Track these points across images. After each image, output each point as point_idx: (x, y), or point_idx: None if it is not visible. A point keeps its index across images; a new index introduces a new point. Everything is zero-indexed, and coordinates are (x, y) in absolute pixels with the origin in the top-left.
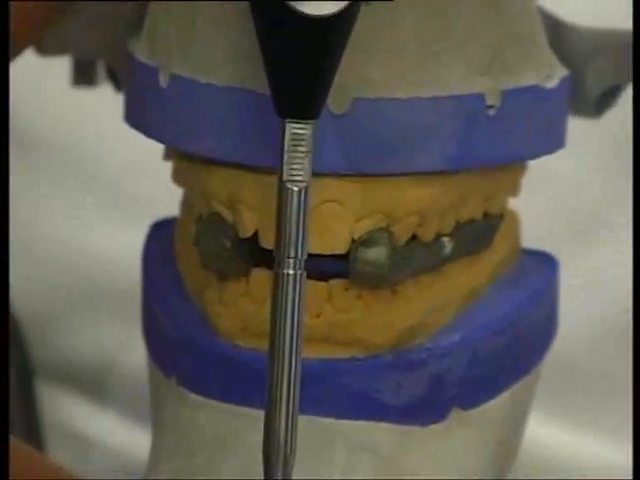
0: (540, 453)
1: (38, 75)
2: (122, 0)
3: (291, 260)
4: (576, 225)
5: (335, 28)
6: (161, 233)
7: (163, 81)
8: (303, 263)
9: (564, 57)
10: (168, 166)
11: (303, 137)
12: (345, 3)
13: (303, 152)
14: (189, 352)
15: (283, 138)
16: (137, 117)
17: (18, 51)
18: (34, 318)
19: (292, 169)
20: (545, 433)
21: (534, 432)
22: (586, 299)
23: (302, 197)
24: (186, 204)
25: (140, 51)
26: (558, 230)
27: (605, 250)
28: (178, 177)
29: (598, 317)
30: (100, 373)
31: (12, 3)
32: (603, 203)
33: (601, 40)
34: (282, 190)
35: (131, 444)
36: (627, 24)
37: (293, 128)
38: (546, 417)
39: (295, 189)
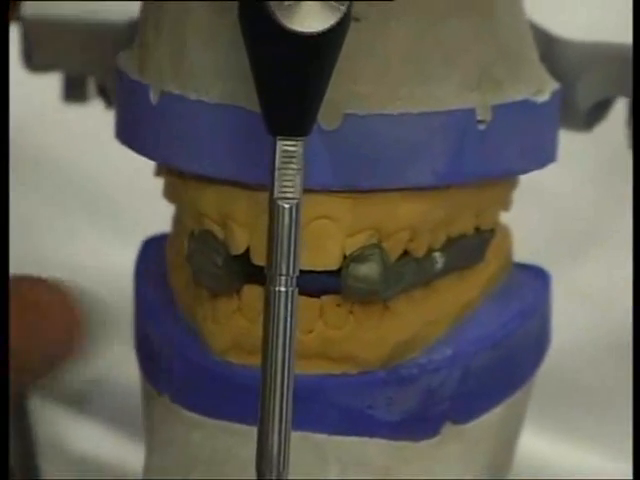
0: (535, 465)
1: (28, 90)
2: None
3: (283, 277)
4: (570, 239)
5: (325, 45)
6: (153, 250)
7: (154, 98)
8: (295, 280)
9: (555, 70)
10: (160, 181)
11: (294, 154)
12: (334, 19)
13: (294, 169)
14: (182, 369)
15: (274, 155)
16: (128, 134)
17: None
18: None
19: (283, 186)
20: (541, 446)
21: (530, 445)
22: (580, 312)
23: (293, 214)
24: (177, 220)
25: (130, 68)
26: (552, 244)
27: (599, 264)
28: (169, 193)
29: (592, 330)
30: (92, 389)
31: None
32: (597, 217)
33: (592, 53)
34: (273, 207)
35: (125, 459)
36: (619, 36)
37: (284, 145)
38: (542, 431)
39: (286, 206)
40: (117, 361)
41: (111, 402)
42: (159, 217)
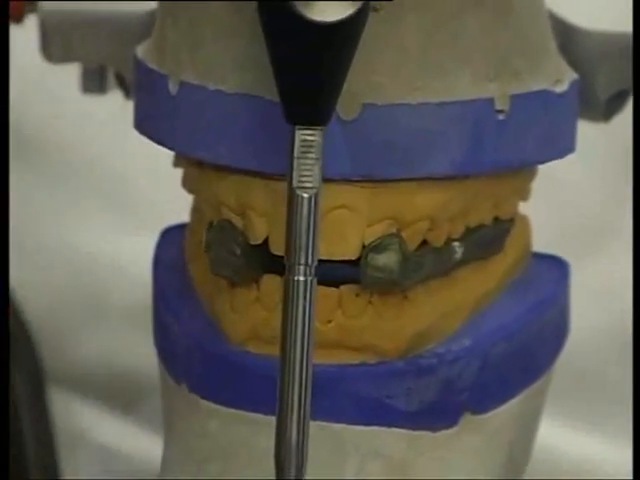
0: (548, 458)
1: (46, 80)
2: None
3: (301, 267)
4: (584, 232)
5: (343, 34)
6: (171, 239)
7: (172, 88)
8: (314, 269)
9: (573, 61)
10: (178, 171)
11: (313, 144)
12: (353, 9)
13: (313, 159)
14: (200, 359)
15: (293, 145)
16: (147, 124)
17: None
18: (46, 325)
19: (302, 176)
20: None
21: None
22: (594, 306)
23: (312, 203)
24: (196, 211)
25: (149, 58)
26: (566, 237)
27: (613, 257)
28: (188, 184)
29: (606, 323)
30: (112, 379)
31: None
32: (611, 210)
33: (610, 43)
34: (292, 197)
35: (146, 450)
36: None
37: (303, 135)
38: (554, 424)
39: (305, 196)
40: (136, 350)
41: (132, 391)
42: (177, 206)
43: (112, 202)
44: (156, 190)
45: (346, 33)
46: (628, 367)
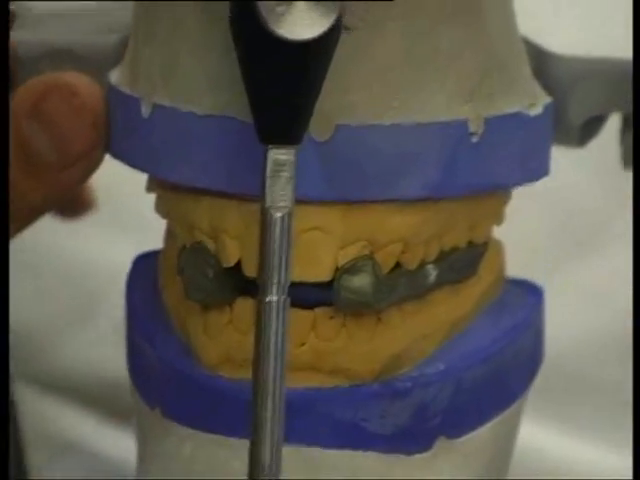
0: (537, 457)
1: None
2: None
3: (274, 286)
4: (584, 232)
5: (316, 52)
6: (145, 265)
7: (145, 111)
8: (286, 289)
9: (547, 86)
10: None
11: (285, 163)
12: (325, 27)
13: (286, 178)
14: (173, 383)
15: (265, 164)
16: (120, 147)
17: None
18: (30, 330)
19: (275, 195)
20: (549, 442)
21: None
22: (594, 306)
23: (285, 223)
24: (169, 235)
25: (122, 82)
26: (566, 237)
27: (608, 259)
28: (161, 208)
29: (606, 323)
30: (103, 387)
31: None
32: (611, 210)
33: (584, 69)
34: (265, 216)
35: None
36: (612, 51)
37: (275, 154)
38: (548, 426)
39: (278, 215)
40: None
41: (115, 397)
42: None
43: (104, 210)
44: (146, 198)
45: (318, 51)
46: (628, 367)
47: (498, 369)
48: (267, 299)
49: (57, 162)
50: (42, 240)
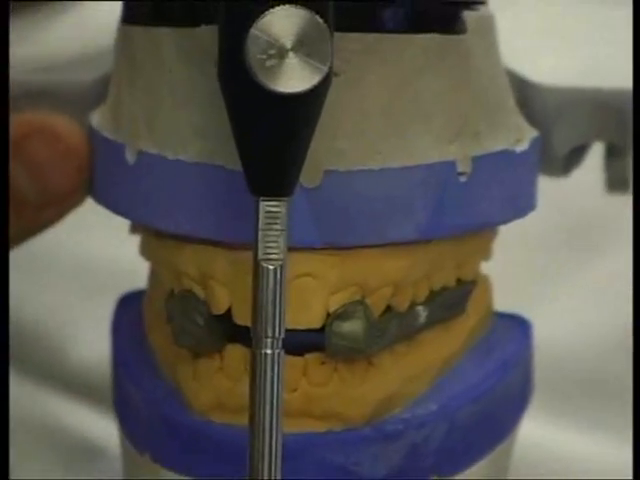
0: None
1: None
2: None
3: (269, 340)
4: (584, 232)
5: (307, 104)
6: (130, 305)
7: (130, 158)
8: (281, 342)
9: (531, 116)
10: None
11: (278, 215)
12: (317, 79)
13: (278, 230)
14: (162, 428)
15: (257, 216)
16: (104, 193)
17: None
18: (39, 326)
19: (267, 247)
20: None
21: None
22: (594, 305)
23: (278, 275)
24: (154, 278)
25: (104, 126)
26: (566, 237)
27: (611, 261)
28: (145, 251)
29: (605, 323)
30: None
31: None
32: (611, 210)
33: (568, 98)
34: (258, 269)
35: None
36: (594, 81)
37: (267, 206)
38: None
39: (271, 267)
40: None
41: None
42: None
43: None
44: None
45: (310, 103)
46: (628, 367)
47: (489, 406)
48: (262, 352)
49: (36, 201)
50: (43, 237)
